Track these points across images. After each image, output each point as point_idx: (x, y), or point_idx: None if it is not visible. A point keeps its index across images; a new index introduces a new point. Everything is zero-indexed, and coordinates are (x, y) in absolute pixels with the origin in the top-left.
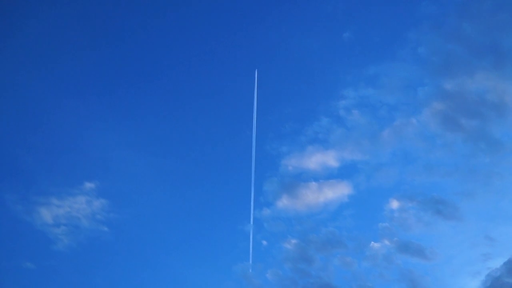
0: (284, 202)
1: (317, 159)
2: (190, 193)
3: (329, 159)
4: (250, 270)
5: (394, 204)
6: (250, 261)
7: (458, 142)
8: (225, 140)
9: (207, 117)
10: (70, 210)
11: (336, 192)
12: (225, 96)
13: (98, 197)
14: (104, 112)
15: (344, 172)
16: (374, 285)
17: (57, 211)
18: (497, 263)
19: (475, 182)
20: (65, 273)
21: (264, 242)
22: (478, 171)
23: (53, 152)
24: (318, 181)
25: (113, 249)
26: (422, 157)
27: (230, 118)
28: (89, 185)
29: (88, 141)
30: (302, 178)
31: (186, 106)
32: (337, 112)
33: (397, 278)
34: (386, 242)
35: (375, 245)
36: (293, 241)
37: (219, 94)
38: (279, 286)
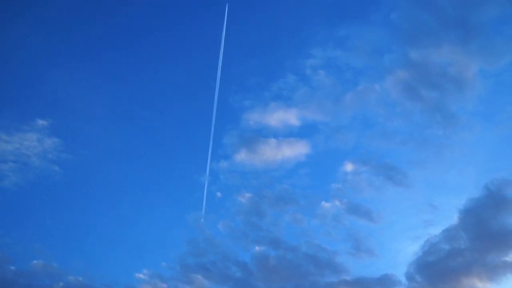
0: (242, 156)
1: (279, 116)
2: (147, 138)
3: (290, 117)
4: (203, 220)
5: (349, 166)
6: (203, 211)
7: (416, 112)
8: (187, 86)
9: (170, 61)
10: (19, 147)
11: (294, 151)
12: (191, 43)
13: (50, 135)
14: (60, 48)
15: (304, 132)
16: (321, 243)
17: (4, 146)
18: (436, 230)
19: (427, 152)
20: (11, 211)
21: (219, 194)
22: (430, 142)
23: (3, 84)
24: (277, 138)
25: (63, 190)
26: (380, 123)
27: (194, 65)
28: (41, 122)
29: (42, 77)
30: (262, 133)
31: (148, 47)
32: (304, 70)
33: (344, 238)
34: (337, 202)
35: (326, 204)
36: (247, 195)
37: (184, 39)
38: (230, 237)
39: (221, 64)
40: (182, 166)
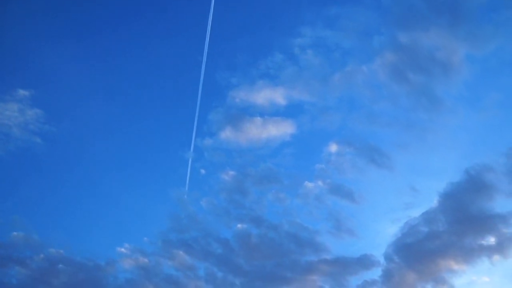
0: (227, 134)
1: (266, 95)
2: (131, 112)
3: (277, 96)
4: (186, 196)
5: (333, 147)
6: (186, 188)
7: (402, 95)
8: (174, 62)
9: (157, 36)
10: (0, 117)
11: (280, 130)
12: (179, 18)
13: (32, 106)
14: (45, 18)
15: (290, 111)
16: (303, 222)
17: None
18: (416, 213)
19: (411, 136)
20: None
21: (203, 171)
22: (415, 125)
23: None
24: (263, 116)
25: (45, 162)
26: (366, 105)
27: (181, 41)
28: (22, 92)
29: (25, 46)
30: (248, 112)
31: (135, 21)
32: (292, 49)
33: (325, 217)
34: (320, 183)
35: (309, 184)
36: (231, 172)
37: (172, 14)
38: (212, 214)
39: (208, 40)
40: (166, 141)
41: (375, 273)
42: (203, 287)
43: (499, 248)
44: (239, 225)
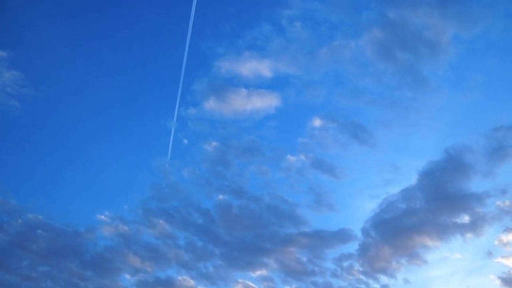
0: (211, 104)
1: (251, 66)
2: (113, 78)
3: (263, 68)
4: (167, 166)
5: (317, 122)
6: (168, 157)
7: (387, 73)
8: (159, 28)
9: (142, 1)
10: None
11: (264, 102)
12: None
13: (10, 68)
14: None
15: (275, 84)
16: (284, 195)
17: None
18: (395, 190)
19: (394, 114)
20: None
21: (185, 141)
22: (399, 104)
23: None
24: (248, 88)
25: (23, 126)
26: (352, 81)
27: (166, 6)
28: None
29: (2, 4)
30: (233, 82)
31: None
32: (280, 21)
33: (306, 191)
34: (302, 157)
35: (291, 158)
36: (214, 143)
37: None
38: (194, 184)
39: (194, 8)
40: (149, 110)
41: (352, 247)
42: (183, 256)
43: (472, 226)
44: (220, 196)
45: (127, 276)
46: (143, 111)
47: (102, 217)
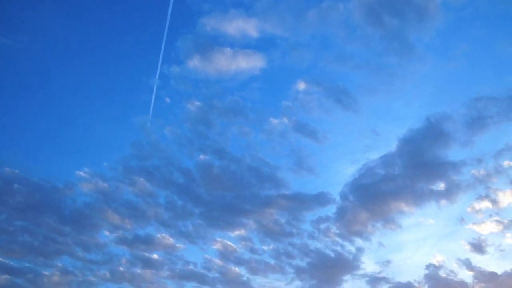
0: (195, 63)
1: (238, 25)
2: (94, 32)
3: (249, 27)
4: (149, 124)
5: (301, 85)
6: (150, 115)
7: (375, 38)
8: None
9: None
10: None
11: (249, 63)
12: None
13: None
14: None
15: (261, 44)
16: (265, 157)
17: None
18: (375, 155)
19: (379, 80)
20: None
21: (167, 99)
22: (384, 70)
23: None
24: (233, 48)
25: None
26: (338, 45)
27: None
28: None
29: None
30: (218, 41)
31: None
32: None
33: (287, 154)
34: (285, 119)
35: (274, 120)
36: (197, 103)
37: None
38: (175, 144)
39: None
40: (131, 66)
41: (330, 210)
42: (163, 214)
43: (447, 194)
44: (201, 156)
45: (106, 233)
46: (125, 67)
47: (81, 173)
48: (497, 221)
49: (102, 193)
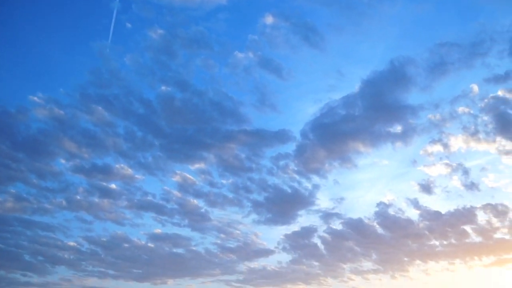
0: None
1: None
2: None
3: None
4: (108, 50)
5: (269, 19)
6: (109, 41)
7: None
8: None
9: None
10: None
11: None
12: None
13: None
14: None
15: None
16: (228, 91)
17: None
18: (337, 96)
19: (347, 19)
20: None
21: (129, 25)
22: (354, 8)
23: None
24: None
25: None
26: None
27: None
28: None
29: None
30: None
31: None
32: None
33: (251, 89)
34: (251, 54)
35: (239, 54)
36: (160, 31)
37: None
38: (136, 73)
39: None
40: None
41: (290, 148)
42: (122, 145)
43: (403, 136)
44: (163, 87)
45: (62, 161)
46: None
47: (35, 98)
48: (447, 164)
49: (58, 120)
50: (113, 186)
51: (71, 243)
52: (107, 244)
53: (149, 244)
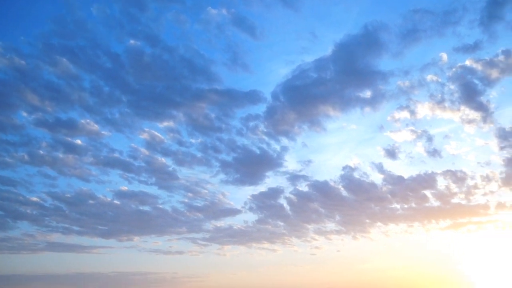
0: None
1: None
2: None
3: None
4: None
5: None
6: None
7: None
8: None
9: None
10: None
11: None
12: None
13: None
14: None
15: None
16: (200, 49)
17: None
18: (310, 58)
19: None
20: None
21: None
22: None
23: None
24: None
25: None
26: None
27: None
28: None
29: None
30: None
31: None
32: None
33: (223, 48)
34: (224, 11)
35: (212, 11)
36: None
37: None
38: (103, 25)
39: None
40: None
41: (260, 109)
42: (87, 99)
43: (372, 101)
44: (132, 41)
45: (24, 114)
46: None
47: None
48: (412, 130)
49: (18, 71)
50: (78, 141)
51: (34, 199)
52: (72, 200)
53: (115, 201)
